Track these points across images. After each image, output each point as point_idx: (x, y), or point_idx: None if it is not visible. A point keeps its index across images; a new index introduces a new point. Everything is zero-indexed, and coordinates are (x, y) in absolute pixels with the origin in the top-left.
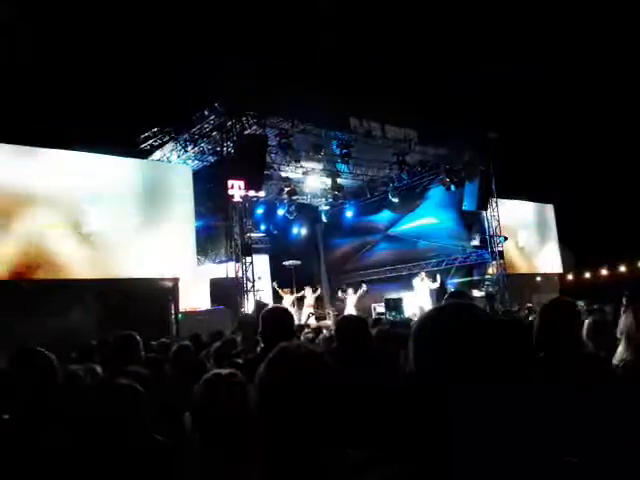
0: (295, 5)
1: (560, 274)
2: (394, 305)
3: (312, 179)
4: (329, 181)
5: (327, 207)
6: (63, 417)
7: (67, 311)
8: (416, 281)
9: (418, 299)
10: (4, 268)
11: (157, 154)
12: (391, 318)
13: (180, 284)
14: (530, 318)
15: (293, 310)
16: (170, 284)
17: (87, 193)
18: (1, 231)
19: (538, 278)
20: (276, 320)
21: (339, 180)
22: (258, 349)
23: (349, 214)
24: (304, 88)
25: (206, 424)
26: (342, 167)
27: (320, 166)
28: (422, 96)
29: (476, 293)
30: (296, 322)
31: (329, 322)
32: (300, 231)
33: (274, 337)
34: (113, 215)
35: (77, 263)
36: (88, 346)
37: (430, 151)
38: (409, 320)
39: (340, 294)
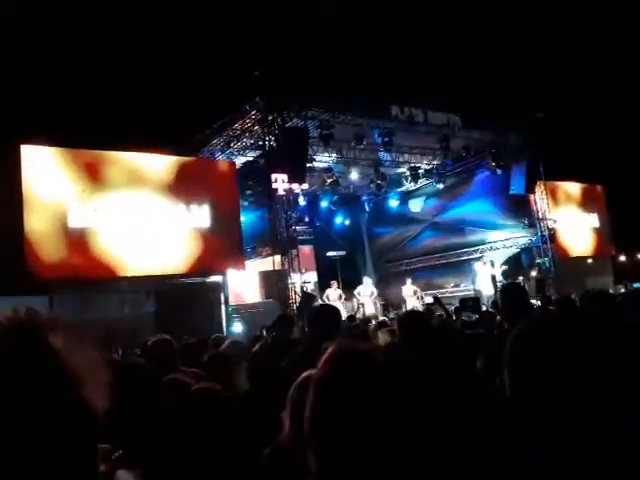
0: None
1: (612, 256)
2: (472, 305)
3: (354, 169)
4: (372, 170)
5: (370, 197)
6: None
7: (121, 308)
8: (478, 265)
9: (478, 283)
10: (60, 267)
11: (202, 151)
12: (466, 319)
13: (228, 278)
14: None
15: (340, 303)
16: (219, 279)
17: (137, 193)
18: (56, 230)
19: (589, 260)
20: (324, 318)
21: (382, 169)
22: None
23: (393, 203)
24: (344, 78)
25: None
26: (385, 156)
27: (362, 156)
28: (465, 80)
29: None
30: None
31: (376, 313)
32: (344, 221)
33: (323, 333)
34: (162, 213)
35: (128, 261)
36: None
37: (475, 135)
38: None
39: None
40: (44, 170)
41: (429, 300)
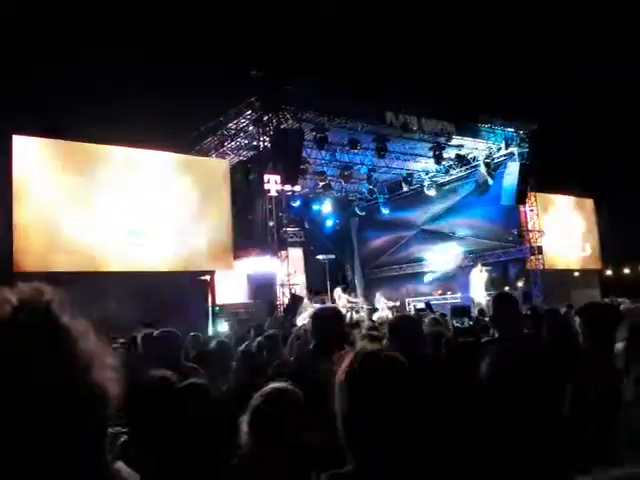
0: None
1: (599, 270)
2: (462, 312)
3: (347, 173)
4: (364, 175)
5: (362, 201)
6: None
7: (107, 303)
8: (474, 272)
9: (474, 290)
10: (47, 261)
11: (196, 149)
12: (459, 325)
13: (217, 278)
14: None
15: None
16: (207, 277)
17: (127, 187)
18: (46, 223)
19: (576, 274)
20: (329, 319)
21: (374, 174)
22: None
23: (384, 208)
24: (340, 83)
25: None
26: (378, 161)
27: (356, 160)
28: (460, 88)
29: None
30: None
31: (364, 316)
32: (335, 225)
33: (327, 336)
34: (152, 209)
35: (116, 257)
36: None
37: (468, 144)
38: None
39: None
40: (36, 162)
41: (420, 305)
